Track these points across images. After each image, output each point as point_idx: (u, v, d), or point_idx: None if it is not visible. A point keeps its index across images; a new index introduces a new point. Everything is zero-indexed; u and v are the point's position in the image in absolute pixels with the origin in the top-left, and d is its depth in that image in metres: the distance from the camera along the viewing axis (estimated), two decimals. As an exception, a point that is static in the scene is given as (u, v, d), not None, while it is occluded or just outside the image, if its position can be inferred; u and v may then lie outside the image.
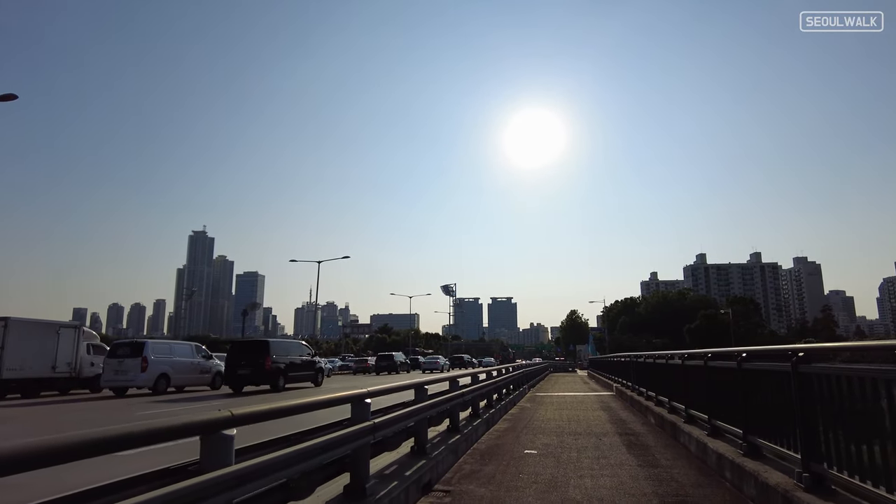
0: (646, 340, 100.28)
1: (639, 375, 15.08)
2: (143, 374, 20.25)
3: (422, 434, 6.69)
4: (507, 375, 15.97)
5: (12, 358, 19.30)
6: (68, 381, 21.54)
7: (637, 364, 15.40)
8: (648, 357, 13.55)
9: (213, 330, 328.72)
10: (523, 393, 19.59)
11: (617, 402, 16.89)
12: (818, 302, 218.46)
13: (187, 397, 18.69)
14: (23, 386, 19.99)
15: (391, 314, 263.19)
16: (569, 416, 13.00)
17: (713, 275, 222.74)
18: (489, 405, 12.56)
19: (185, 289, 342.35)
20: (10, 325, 19.55)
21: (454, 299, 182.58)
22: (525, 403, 16.60)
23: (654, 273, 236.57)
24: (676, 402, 9.80)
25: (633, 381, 16.08)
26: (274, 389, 21.26)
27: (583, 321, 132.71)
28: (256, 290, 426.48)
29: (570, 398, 18.60)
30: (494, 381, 13.05)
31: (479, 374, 11.50)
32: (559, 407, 15.31)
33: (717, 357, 7.46)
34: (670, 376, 10.45)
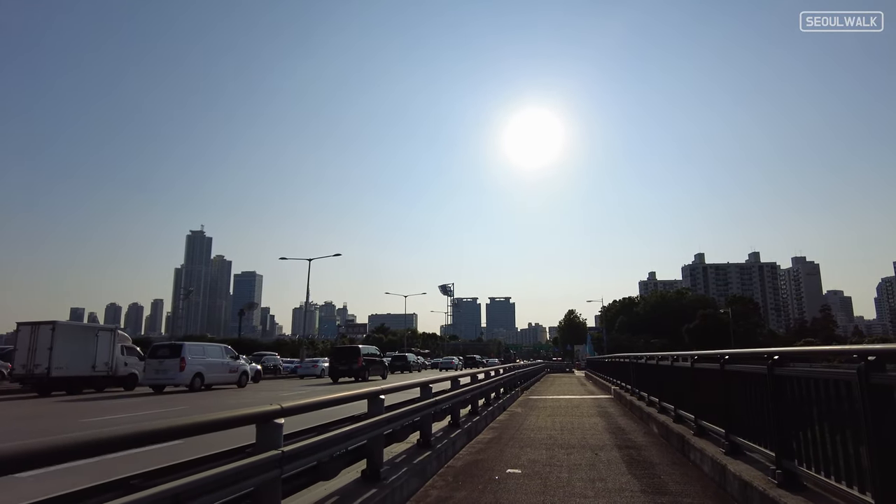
0: (644, 340, 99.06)
1: (639, 378, 13.82)
2: (182, 374, 22.23)
3: (375, 455, 5.39)
4: (495, 378, 14.69)
5: (59, 358, 20.96)
6: (105, 380, 23.35)
7: (637, 366, 14.13)
8: (650, 358, 12.29)
9: (211, 330, 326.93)
10: (515, 396, 18.32)
11: (615, 406, 15.63)
12: (816, 302, 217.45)
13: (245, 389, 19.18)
14: (68, 383, 21.72)
15: (389, 314, 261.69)
16: (562, 423, 11.73)
17: (711, 274, 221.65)
18: (473, 412, 11.31)
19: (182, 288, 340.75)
20: (58, 329, 21.37)
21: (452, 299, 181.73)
22: (516, 408, 15.33)
23: (653, 273, 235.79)
24: (684, 410, 8.54)
25: (633, 384, 14.83)
26: (361, 379, 29.77)
27: (581, 321, 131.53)
28: (254, 289, 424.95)
29: (565, 402, 17.34)
30: (480, 385, 11.77)
31: (460, 378, 10.21)
32: (552, 412, 14.04)
33: (736, 360, 6.21)
34: (676, 381, 9.19)
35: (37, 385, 20.98)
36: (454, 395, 9.31)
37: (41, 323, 21.34)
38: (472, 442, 9.30)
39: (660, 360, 10.92)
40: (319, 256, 48.95)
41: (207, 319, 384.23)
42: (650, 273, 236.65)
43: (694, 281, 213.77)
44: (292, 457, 3.74)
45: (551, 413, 13.91)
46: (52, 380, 20.86)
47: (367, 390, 5.71)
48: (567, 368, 67.36)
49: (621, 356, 19.00)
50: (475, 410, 11.34)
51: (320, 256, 49.19)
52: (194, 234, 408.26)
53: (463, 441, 8.90)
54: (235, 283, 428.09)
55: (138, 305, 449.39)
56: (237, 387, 25.43)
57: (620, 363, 18.99)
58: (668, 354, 10.17)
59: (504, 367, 19.06)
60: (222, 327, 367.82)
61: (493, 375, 15.07)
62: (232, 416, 3.28)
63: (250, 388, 25.50)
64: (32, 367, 20.68)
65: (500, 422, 12.17)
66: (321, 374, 37.24)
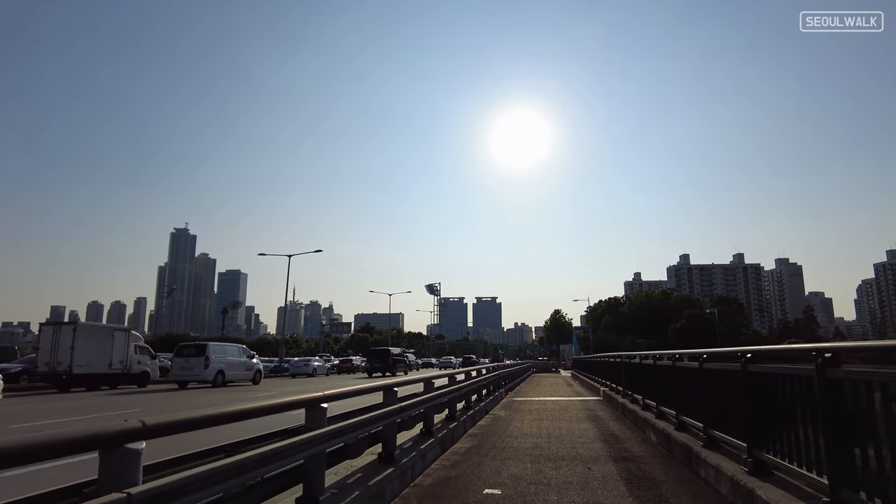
0: (630, 340, 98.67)
1: (633, 379, 12.76)
2: (206, 371, 23.94)
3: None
4: (477, 379, 13.55)
5: (80, 356, 22.26)
6: (120, 377, 24.56)
7: (630, 366, 13.07)
8: (646, 357, 11.22)
9: (195, 328, 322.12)
10: (499, 398, 17.20)
11: (606, 409, 14.56)
12: (799, 303, 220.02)
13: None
14: (87, 380, 22.99)
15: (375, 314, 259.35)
16: (549, 429, 10.62)
17: (696, 275, 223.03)
18: (451, 417, 10.15)
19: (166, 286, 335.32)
20: (78, 329, 22.81)
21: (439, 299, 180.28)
22: (499, 411, 14.20)
23: (638, 273, 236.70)
24: (689, 417, 7.47)
25: (625, 386, 13.77)
26: (391, 374, 36.20)
27: (567, 321, 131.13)
28: (239, 288, 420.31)
29: (552, 405, 16.25)
30: (457, 388, 10.61)
31: (433, 381, 9.04)
32: (538, 416, 12.93)
33: (764, 358, 5.13)
34: (679, 384, 8.10)
35: (59, 382, 22.13)
36: (427, 398, 8.15)
37: (63, 323, 23.37)
38: (448, 453, 8.13)
39: (657, 359, 9.85)
40: (299, 253, 47.45)
41: (191, 318, 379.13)
42: (635, 273, 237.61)
43: (679, 281, 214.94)
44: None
45: (537, 417, 12.79)
46: (75, 377, 22.21)
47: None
48: (553, 368, 66.47)
49: (611, 355, 17.96)
50: (453, 416, 10.18)
51: (300, 253, 47.66)
52: (178, 231, 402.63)
53: (436, 452, 7.74)
54: (220, 282, 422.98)
55: (121, 304, 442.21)
56: (252, 384, 26.92)
57: (610, 363, 17.96)
58: (667, 354, 9.11)
59: (487, 367, 17.93)
60: (206, 326, 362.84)
61: (475, 376, 13.92)
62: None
63: (262, 385, 27.17)
64: (55, 365, 21.94)
65: (482, 427, 11.03)
66: (313, 374, 38.02)
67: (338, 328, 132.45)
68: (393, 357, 39.19)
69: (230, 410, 3.31)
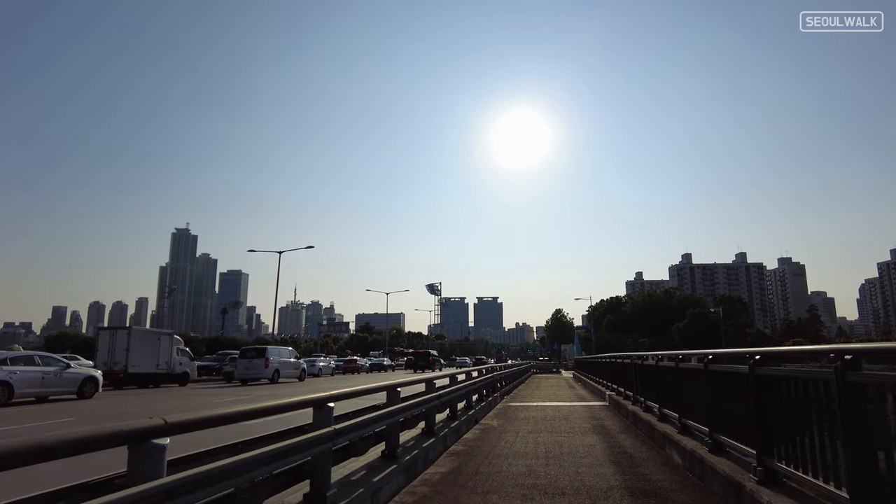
0: (632, 340, 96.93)
1: (646, 384, 10.94)
2: (266, 370, 28.16)
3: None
4: (464, 384, 11.75)
5: (133, 358, 24.61)
6: (165, 376, 26.79)
7: (644, 368, 11.25)
8: (662, 359, 9.42)
9: (196, 328, 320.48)
10: (492, 403, 15.40)
11: (613, 418, 12.76)
12: (801, 302, 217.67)
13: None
14: (139, 379, 25.34)
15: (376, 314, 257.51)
16: (548, 445, 8.83)
17: (698, 274, 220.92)
18: (428, 431, 8.37)
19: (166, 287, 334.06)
20: (133, 333, 25.25)
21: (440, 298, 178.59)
22: (491, 420, 12.41)
23: (640, 273, 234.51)
24: (730, 437, 5.69)
25: (637, 391, 11.96)
26: (431, 370, 39.04)
27: (568, 320, 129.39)
28: (240, 288, 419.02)
29: (552, 412, 14.45)
30: (437, 396, 8.82)
31: (397, 387, 7.26)
32: (535, 427, 11.13)
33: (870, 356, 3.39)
34: (713, 392, 6.31)
35: (115, 380, 24.24)
36: (390, 412, 6.37)
37: (118, 328, 25.71)
38: (416, 482, 6.33)
39: (679, 361, 8.05)
40: (290, 249, 45.76)
41: (193, 318, 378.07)
42: (637, 273, 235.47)
43: (681, 281, 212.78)
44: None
45: (534, 428, 10.99)
46: (129, 375, 24.61)
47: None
48: (554, 369, 64.65)
49: (619, 356, 16.10)
50: (430, 430, 8.40)
51: (291, 249, 45.97)
52: (179, 231, 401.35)
53: (400, 482, 5.96)
54: (221, 282, 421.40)
55: (122, 304, 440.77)
56: (298, 381, 30.94)
57: (617, 364, 16.12)
58: (694, 354, 7.33)
59: (479, 368, 16.13)
60: (208, 326, 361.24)
61: (462, 381, 12.12)
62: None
63: (307, 382, 31.26)
64: (112, 365, 24.26)
65: (466, 443, 9.23)
66: (318, 374, 39.00)
67: (336, 328, 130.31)
68: (433, 357, 53.74)
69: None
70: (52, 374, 17.76)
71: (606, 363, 19.90)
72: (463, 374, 12.88)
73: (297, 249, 46.03)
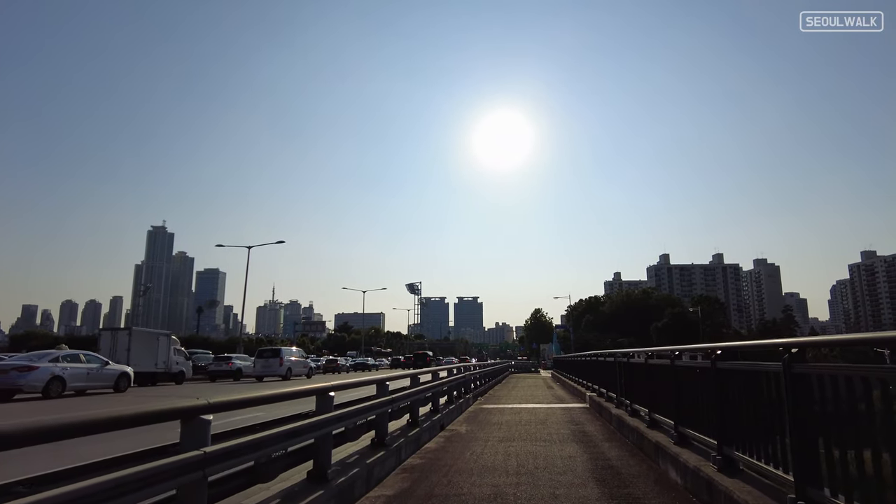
0: (611, 339, 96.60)
1: (634, 385, 9.70)
2: (280, 368, 31.44)
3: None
4: (428, 385, 10.38)
5: (134, 357, 25.20)
6: (163, 375, 27.56)
7: (630, 367, 9.99)
8: (653, 356, 8.19)
9: (172, 327, 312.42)
10: (463, 406, 14.06)
11: (595, 422, 11.53)
12: (776, 303, 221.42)
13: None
14: (139, 378, 24.96)
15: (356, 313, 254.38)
16: (521, 457, 7.53)
17: (676, 275, 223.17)
18: (379, 441, 7.01)
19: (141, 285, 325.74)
20: (133, 334, 26.15)
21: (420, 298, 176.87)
22: (459, 426, 11.07)
23: (618, 273, 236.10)
24: (749, 453, 4.44)
25: (622, 393, 10.74)
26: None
27: (547, 320, 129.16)
28: (217, 287, 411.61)
29: (528, 415, 13.18)
30: (391, 399, 7.45)
31: (386, 380, 5.88)
32: (508, 434, 9.82)
33: None
34: (727, 394, 5.06)
35: None
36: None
37: (119, 329, 26.80)
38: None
39: (675, 358, 6.82)
40: (259, 244, 44.01)
41: (169, 317, 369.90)
42: (615, 273, 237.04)
43: (659, 281, 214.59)
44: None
45: (506, 435, 9.68)
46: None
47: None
48: (532, 368, 63.69)
49: (601, 354, 14.86)
50: (381, 440, 7.04)
51: (260, 244, 44.22)
52: (156, 229, 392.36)
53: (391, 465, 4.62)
54: (198, 281, 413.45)
55: (96, 303, 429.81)
56: (306, 377, 34.46)
57: (599, 363, 14.91)
58: (698, 349, 6.10)
59: (448, 368, 14.77)
60: (184, 325, 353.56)
61: (426, 381, 10.76)
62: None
63: (313, 379, 33.37)
64: None
65: (426, 455, 7.88)
66: (286, 376, 41.38)
67: (313, 327, 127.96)
68: (430, 358, 58.81)
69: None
70: (95, 370, 20.19)
71: (587, 362, 18.72)
72: (429, 374, 11.52)
73: (267, 244, 44.40)
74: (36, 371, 17.81)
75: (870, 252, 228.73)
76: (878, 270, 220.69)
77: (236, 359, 34.20)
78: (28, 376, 17.61)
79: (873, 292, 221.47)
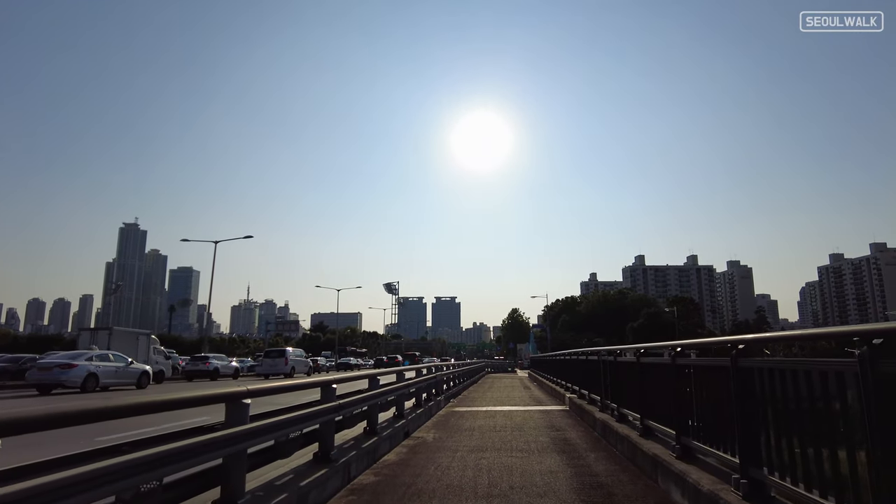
0: (587, 339, 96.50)
1: (622, 387, 8.60)
2: (285, 367, 34.53)
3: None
4: (392, 387, 9.15)
5: None
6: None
7: (617, 367, 8.91)
8: (647, 353, 7.11)
9: (144, 327, 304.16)
10: (433, 409, 12.85)
11: (577, 428, 10.45)
12: (748, 304, 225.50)
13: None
14: None
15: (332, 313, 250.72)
16: (493, 471, 6.37)
17: (651, 276, 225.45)
18: (323, 456, 5.78)
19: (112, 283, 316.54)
20: (113, 333, 26.66)
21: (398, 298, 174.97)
22: (426, 432, 9.88)
23: (594, 273, 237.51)
24: (786, 477, 3.37)
25: (607, 396, 9.66)
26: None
27: (524, 320, 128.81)
28: (191, 286, 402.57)
29: (504, 418, 12.06)
30: (336, 406, 6.22)
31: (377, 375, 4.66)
32: (480, 442, 8.65)
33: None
34: (750, 400, 3.98)
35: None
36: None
37: (100, 328, 27.23)
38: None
39: (677, 355, 5.73)
40: (225, 239, 42.20)
41: (141, 316, 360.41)
42: (591, 274, 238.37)
43: (634, 282, 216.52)
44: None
45: (479, 444, 8.51)
46: None
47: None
48: (509, 368, 62.90)
49: (582, 352, 13.80)
50: (325, 454, 5.81)
51: (226, 239, 42.40)
52: (128, 226, 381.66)
53: None
54: (171, 279, 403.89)
55: (65, 301, 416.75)
56: (306, 375, 35.37)
57: (580, 362, 13.84)
58: (713, 343, 5.04)
59: (419, 367, 13.54)
60: (156, 324, 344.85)
61: (389, 383, 9.53)
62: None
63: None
64: None
65: (382, 470, 6.67)
66: (290, 373, 40.92)
67: (287, 327, 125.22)
68: (417, 357, 65.67)
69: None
70: (122, 368, 22.20)
71: (566, 361, 17.69)
72: (393, 375, 10.30)
73: (234, 239, 42.41)
74: (75, 369, 20.00)
75: (837, 255, 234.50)
76: (845, 273, 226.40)
77: (213, 359, 34.37)
78: (69, 373, 19.84)
79: (840, 294, 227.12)
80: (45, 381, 19.67)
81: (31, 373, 20.26)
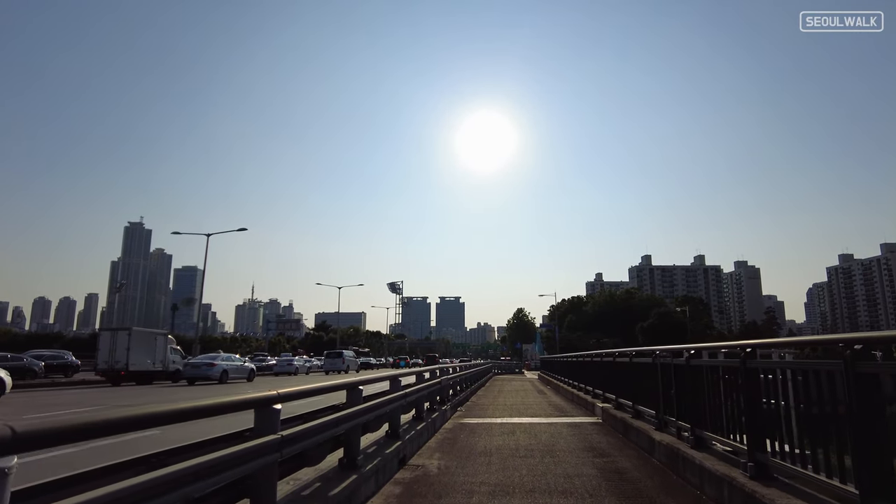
0: (595, 340, 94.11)
1: (696, 400, 6.25)
2: (343, 364, 45.20)
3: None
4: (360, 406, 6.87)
5: (134, 356, 26.17)
6: (159, 374, 28.11)
7: (692, 371, 6.52)
8: (757, 352, 4.80)
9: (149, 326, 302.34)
10: (437, 422, 10.52)
11: (626, 451, 8.08)
12: (756, 305, 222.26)
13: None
14: (137, 376, 26.55)
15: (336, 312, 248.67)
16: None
17: (658, 276, 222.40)
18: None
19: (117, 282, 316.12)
20: (133, 333, 26.95)
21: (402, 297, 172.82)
22: (429, 459, 7.52)
23: (600, 273, 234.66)
24: None
25: (668, 411, 7.30)
26: None
27: (529, 320, 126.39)
28: (196, 285, 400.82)
29: (525, 435, 9.71)
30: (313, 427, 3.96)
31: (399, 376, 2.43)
32: (503, 477, 6.24)
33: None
34: None
35: (116, 377, 25.79)
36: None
37: (119, 328, 27.20)
38: None
39: (746, 356, 3.43)
40: (218, 232, 40.20)
41: (145, 315, 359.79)
42: (597, 274, 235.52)
43: (640, 282, 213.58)
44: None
45: (502, 480, 6.07)
46: (131, 373, 25.97)
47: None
48: (517, 369, 60.55)
49: (621, 352, 11.27)
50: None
51: (219, 232, 40.38)
52: (133, 225, 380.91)
53: None
54: (176, 278, 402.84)
55: (70, 300, 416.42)
56: (355, 372, 40.65)
57: (618, 365, 11.37)
58: None
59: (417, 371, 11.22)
60: (160, 323, 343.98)
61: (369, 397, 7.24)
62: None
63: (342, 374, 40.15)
64: (114, 363, 25.72)
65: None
66: (295, 373, 42.76)
67: (289, 325, 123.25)
68: (438, 359, 67.64)
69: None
70: (240, 366, 30.21)
71: (592, 363, 15.22)
72: (386, 382, 7.97)
73: (228, 232, 40.42)
74: (216, 367, 27.26)
75: (847, 255, 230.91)
76: (855, 273, 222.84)
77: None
78: (212, 370, 27.08)
79: (850, 295, 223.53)
80: (195, 376, 26.73)
81: (186, 369, 27.56)
